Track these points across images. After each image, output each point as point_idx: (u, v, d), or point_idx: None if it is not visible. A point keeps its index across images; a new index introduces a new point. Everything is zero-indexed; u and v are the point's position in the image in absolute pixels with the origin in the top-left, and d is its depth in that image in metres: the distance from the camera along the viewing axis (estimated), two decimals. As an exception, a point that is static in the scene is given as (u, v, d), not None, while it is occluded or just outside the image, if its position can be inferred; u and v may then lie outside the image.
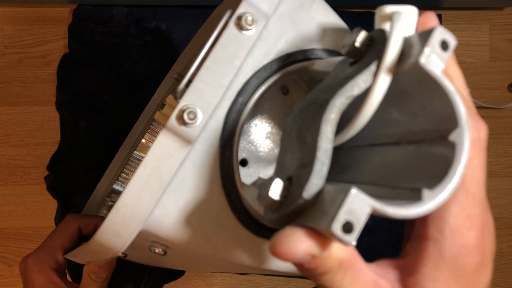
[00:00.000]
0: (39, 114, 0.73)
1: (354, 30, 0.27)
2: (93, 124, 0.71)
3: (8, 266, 0.73)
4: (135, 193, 0.26)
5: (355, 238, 0.21)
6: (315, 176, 0.24)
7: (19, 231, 0.73)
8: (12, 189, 0.73)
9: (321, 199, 0.23)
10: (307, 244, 0.22)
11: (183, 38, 0.72)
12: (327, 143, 0.24)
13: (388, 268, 0.26)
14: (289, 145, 0.28)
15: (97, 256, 0.33)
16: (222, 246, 0.31)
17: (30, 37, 0.73)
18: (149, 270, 0.69)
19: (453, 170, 0.23)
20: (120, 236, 0.27)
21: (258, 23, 0.28)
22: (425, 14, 0.27)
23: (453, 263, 0.25)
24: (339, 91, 0.25)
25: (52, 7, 0.73)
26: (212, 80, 0.27)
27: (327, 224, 0.21)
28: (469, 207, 0.25)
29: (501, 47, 0.72)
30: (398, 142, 0.28)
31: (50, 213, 0.72)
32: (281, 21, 0.32)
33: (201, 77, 0.27)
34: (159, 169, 0.27)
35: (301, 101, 0.29)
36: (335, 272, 0.24)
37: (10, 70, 0.73)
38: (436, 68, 0.24)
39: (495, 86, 0.73)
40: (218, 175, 0.30)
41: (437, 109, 0.25)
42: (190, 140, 0.27)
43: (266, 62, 0.32)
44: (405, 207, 0.22)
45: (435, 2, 0.69)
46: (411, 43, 0.25)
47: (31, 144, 0.73)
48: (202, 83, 0.27)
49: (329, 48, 0.33)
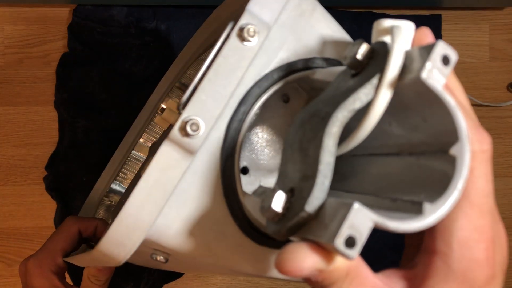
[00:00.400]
0: (39, 114, 0.73)
1: (356, 42, 0.27)
2: (92, 123, 0.71)
3: (8, 266, 0.73)
4: (139, 203, 0.27)
5: (358, 252, 0.21)
6: (317, 189, 0.24)
7: (19, 231, 0.73)
8: (12, 189, 0.73)
9: (323, 212, 0.24)
10: (313, 259, 0.23)
11: (183, 38, 0.72)
12: (329, 157, 0.25)
13: (395, 278, 0.26)
14: (291, 157, 0.28)
15: (100, 264, 0.34)
16: (223, 255, 0.31)
17: (30, 37, 0.73)
18: (148, 270, 0.69)
19: (454, 183, 0.23)
20: (124, 246, 0.27)
21: (260, 34, 0.28)
22: (421, 29, 0.27)
23: (462, 277, 0.25)
24: (341, 105, 0.25)
25: (52, 7, 0.73)
26: (214, 91, 0.27)
27: (330, 239, 0.21)
28: (476, 219, 0.25)
29: (501, 47, 0.72)
30: (399, 153, 0.28)
31: (50, 213, 0.72)
32: (282, 30, 0.32)
33: (203, 89, 0.27)
34: (162, 180, 0.27)
35: (303, 112, 0.29)
36: (342, 282, 0.24)
37: (10, 70, 0.73)
38: (437, 83, 0.24)
39: (495, 86, 0.73)
40: (220, 184, 0.30)
41: (438, 122, 0.25)
42: (192, 151, 0.27)
43: (267, 71, 0.32)
44: (406, 221, 0.22)
45: (435, 2, 0.69)
46: (412, 57, 0.25)
47: (31, 144, 0.73)
48: (204, 95, 0.27)
49: (329, 57, 0.33)
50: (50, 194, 0.72)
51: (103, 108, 0.71)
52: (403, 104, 0.26)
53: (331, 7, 0.68)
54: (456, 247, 0.25)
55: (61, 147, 0.72)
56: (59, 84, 0.72)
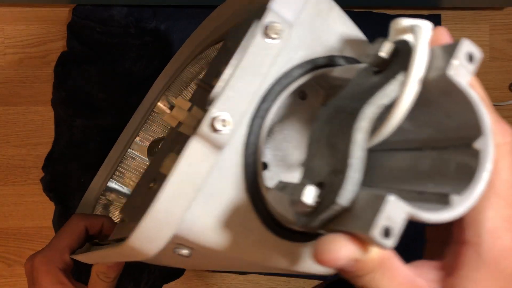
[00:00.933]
0: (39, 114, 0.73)
1: (378, 40, 0.28)
2: (89, 122, 0.71)
3: (8, 266, 0.73)
4: (169, 197, 0.27)
5: (395, 243, 0.22)
6: (349, 182, 0.25)
7: (19, 231, 0.73)
8: (12, 189, 0.73)
9: (355, 204, 0.24)
10: (350, 249, 0.23)
11: (183, 38, 0.72)
12: (360, 151, 0.25)
13: (426, 268, 0.27)
14: (318, 151, 0.29)
15: (127, 259, 0.34)
16: (247, 249, 0.31)
17: (30, 37, 0.73)
18: (148, 270, 0.70)
19: (479, 175, 0.24)
20: (154, 240, 0.28)
21: (284, 32, 0.29)
22: (438, 29, 0.28)
23: (494, 266, 0.26)
24: (369, 100, 0.26)
25: (52, 7, 0.73)
26: (241, 88, 0.28)
27: (366, 229, 0.22)
28: (503, 209, 0.26)
29: (501, 47, 0.73)
30: (421, 147, 0.29)
31: (50, 213, 0.72)
32: (302, 28, 0.33)
33: (231, 86, 0.28)
34: (192, 174, 0.28)
35: (327, 108, 0.30)
36: (375, 272, 0.25)
37: (10, 70, 0.73)
38: (463, 80, 0.25)
39: (495, 86, 0.74)
40: (243, 179, 0.31)
41: (462, 117, 0.26)
42: (221, 146, 0.28)
43: (287, 69, 0.32)
44: (437, 212, 0.23)
45: (435, 2, 0.70)
46: (435, 55, 0.26)
47: (31, 144, 0.73)
48: (232, 92, 0.28)
49: (347, 56, 0.34)
50: (48, 195, 0.71)
51: (101, 107, 0.71)
52: (427, 100, 0.27)
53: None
54: (486, 237, 0.26)
55: (58, 146, 0.72)
56: (57, 83, 0.72)
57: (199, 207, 0.30)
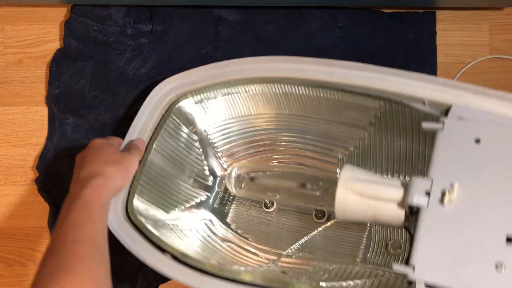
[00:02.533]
0: (39, 114, 0.73)
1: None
2: (80, 120, 0.71)
3: (8, 266, 0.73)
4: None
5: None
6: None
7: (19, 231, 0.73)
8: (12, 189, 0.73)
9: None
10: None
11: (178, 39, 0.73)
12: None
13: None
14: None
15: None
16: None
17: (30, 37, 0.74)
18: (143, 271, 0.69)
19: None
20: None
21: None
22: None
23: None
24: None
25: (52, 7, 0.73)
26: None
27: None
28: None
29: (501, 47, 0.72)
30: None
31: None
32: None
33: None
34: None
35: None
36: None
37: (10, 70, 0.73)
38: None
39: (495, 86, 0.73)
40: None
41: None
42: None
43: None
44: None
45: (435, 2, 0.70)
46: None
47: (31, 144, 0.73)
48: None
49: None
50: (42, 195, 0.71)
51: (92, 104, 0.72)
52: None
53: (327, 7, 0.67)
54: None
55: (51, 144, 0.72)
56: (52, 80, 0.72)
57: None
